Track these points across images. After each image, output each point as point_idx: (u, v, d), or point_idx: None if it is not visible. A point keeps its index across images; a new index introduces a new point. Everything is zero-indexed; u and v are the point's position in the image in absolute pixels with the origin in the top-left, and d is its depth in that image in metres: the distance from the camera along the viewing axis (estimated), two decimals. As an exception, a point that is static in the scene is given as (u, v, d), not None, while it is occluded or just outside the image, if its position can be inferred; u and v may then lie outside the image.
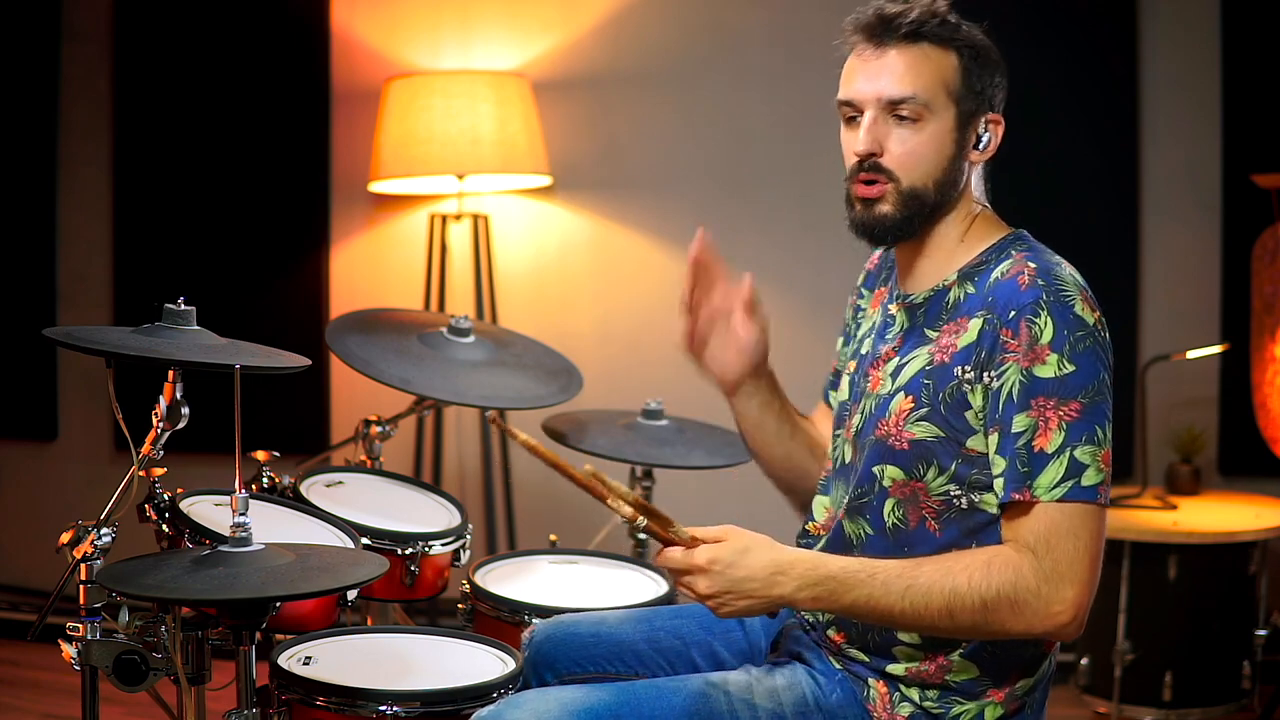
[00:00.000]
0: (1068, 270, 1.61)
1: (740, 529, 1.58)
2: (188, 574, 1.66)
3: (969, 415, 1.58)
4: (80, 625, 1.81)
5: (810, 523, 1.82)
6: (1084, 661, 3.28)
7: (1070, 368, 1.52)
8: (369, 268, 4.17)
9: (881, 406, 1.67)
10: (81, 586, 1.83)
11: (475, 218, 3.89)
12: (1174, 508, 3.33)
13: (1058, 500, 1.50)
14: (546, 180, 3.93)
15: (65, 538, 1.83)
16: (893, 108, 1.63)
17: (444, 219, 3.88)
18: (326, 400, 4.15)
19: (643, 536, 2.77)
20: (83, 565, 1.82)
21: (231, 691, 1.78)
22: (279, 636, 1.98)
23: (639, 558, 2.67)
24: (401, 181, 3.87)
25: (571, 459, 2.76)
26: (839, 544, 1.72)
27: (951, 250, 1.70)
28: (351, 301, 4.02)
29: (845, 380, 1.82)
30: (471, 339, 2.59)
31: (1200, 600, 3.18)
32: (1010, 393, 1.54)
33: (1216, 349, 3.51)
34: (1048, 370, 1.52)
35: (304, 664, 1.87)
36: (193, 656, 1.87)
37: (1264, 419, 3.29)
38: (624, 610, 1.98)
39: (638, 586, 2.37)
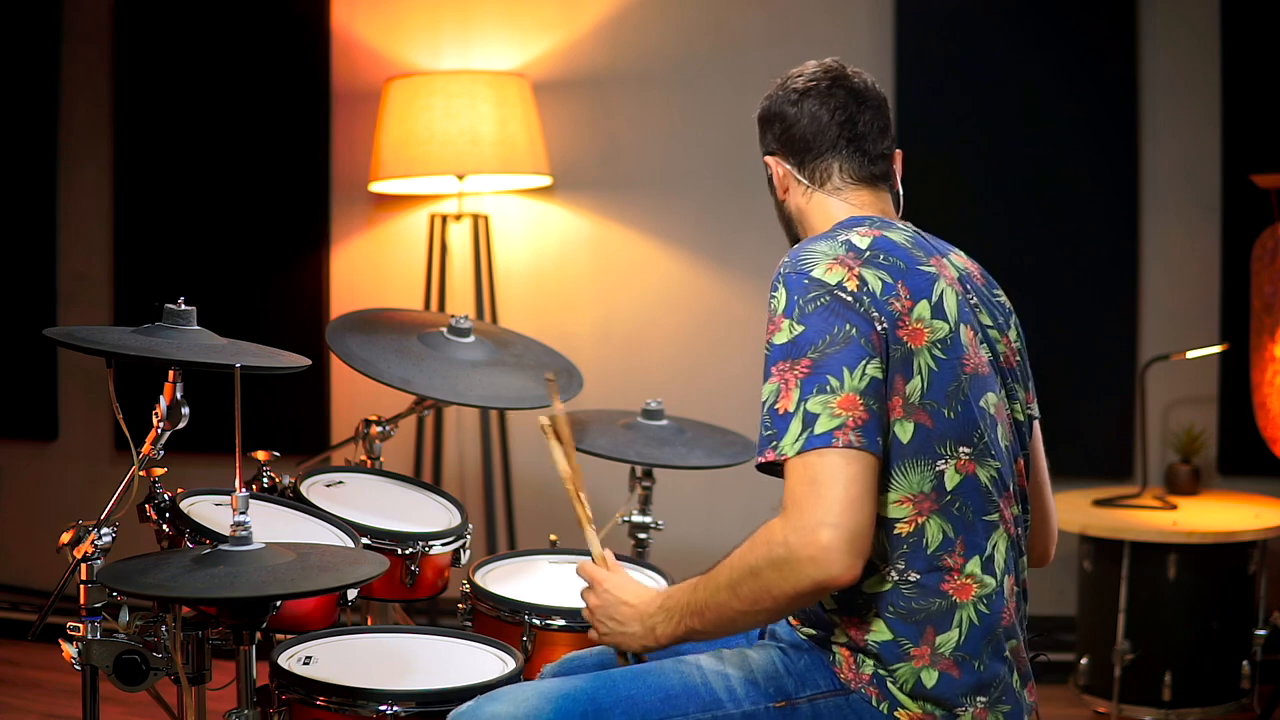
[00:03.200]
0: (843, 239, 1.69)
1: (620, 585, 1.79)
2: (188, 573, 1.66)
3: None
4: (81, 625, 1.81)
5: None
6: (1084, 661, 3.28)
7: (800, 329, 1.60)
8: (369, 268, 4.17)
9: None
10: (82, 586, 1.83)
11: (475, 218, 3.89)
12: (1174, 508, 3.33)
13: (799, 453, 1.55)
14: (546, 180, 3.93)
15: (65, 538, 1.84)
16: None
17: (444, 219, 3.88)
18: (326, 400, 4.15)
19: (643, 536, 2.77)
20: (83, 565, 1.83)
21: (231, 691, 1.78)
22: (279, 636, 1.99)
23: (639, 557, 2.67)
24: (401, 181, 3.87)
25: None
26: None
27: None
28: (351, 301, 4.02)
29: None
30: (471, 339, 2.59)
31: (1200, 600, 3.18)
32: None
33: (1216, 349, 3.51)
34: (781, 336, 1.62)
35: (304, 664, 1.87)
36: (193, 656, 1.88)
37: (1264, 419, 3.29)
38: None
39: (638, 586, 2.37)
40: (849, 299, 1.61)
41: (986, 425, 1.65)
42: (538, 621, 2.14)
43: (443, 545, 2.28)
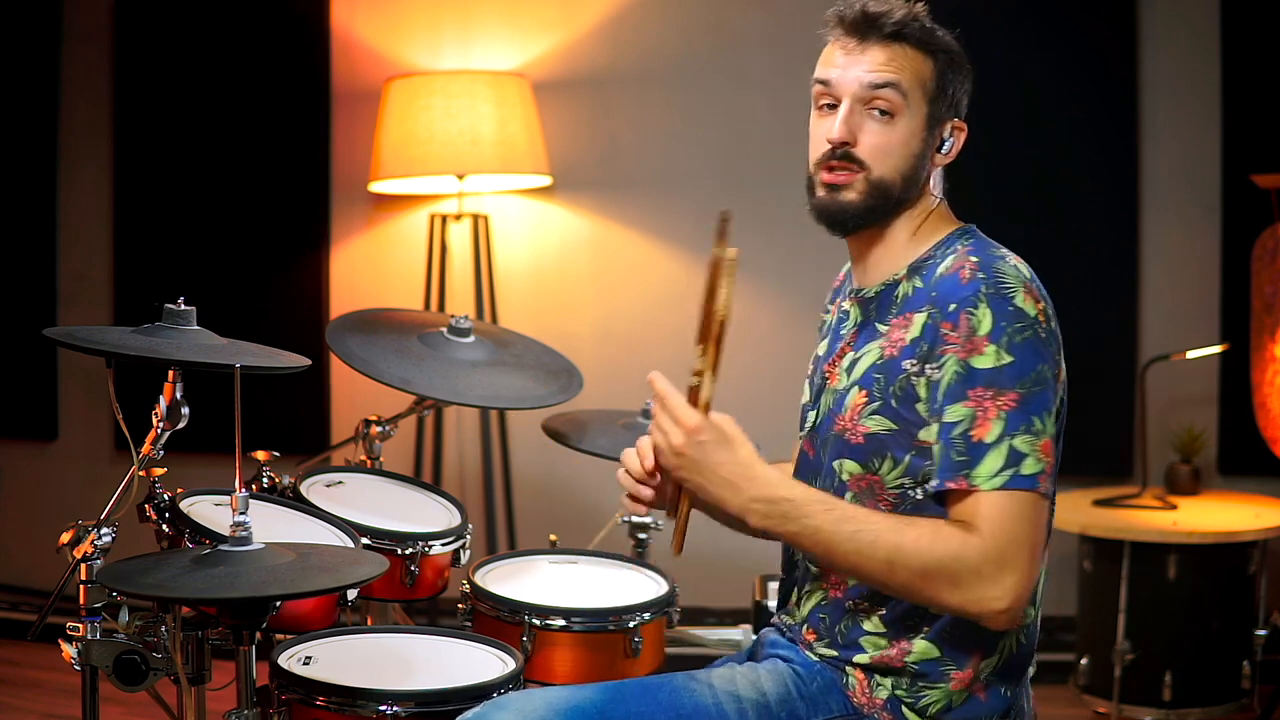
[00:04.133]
0: (1012, 263, 1.61)
1: (740, 432, 1.59)
2: (188, 573, 1.66)
3: (919, 408, 1.60)
4: (80, 625, 1.81)
5: None
6: (1084, 661, 3.28)
7: (1008, 359, 1.53)
8: (369, 268, 4.17)
9: (839, 401, 1.70)
10: (82, 586, 1.83)
11: (475, 218, 3.89)
12: (1174, 508, 3.33)
13: (998, 489, 1.51)
14: (546, 180, 3.93)
15: (65, 538, 1.84)
16: (871, 98, 1.66)
17: (444, 219, 3.88)
18: (326, 400, 4.15)
19: (643, 536, 2.77)
20: (83, 565, 1.83)
21: (231, 691, 1.78)
22: (279, 636, 1.98)
23: (639, 557, 2.67)
24: (401, 181, 3.87)
25: (571, 459, 2.79)
26: None
27: (904, 245, 1.72)
28: (351, 301, 4.02)
29: (805, 384, 1.86)
30: (471, 339, 2.59)
31: (1200, 600, 3.18)
32: (948, 383, 1.55)
33: (1216, 349, 3.51)
34: (985, 361, 1.53)
35: (304, 664, 1.87)
36: (193, 656, 1.88)
37: (1264, 419, 3.29)
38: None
39: (637, 586, 2.37)
40: (1045, 336, 1.57)
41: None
42: (538, 621, 2.14)
43: (443, 545, 2.28)
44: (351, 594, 2.04)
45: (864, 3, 1.68)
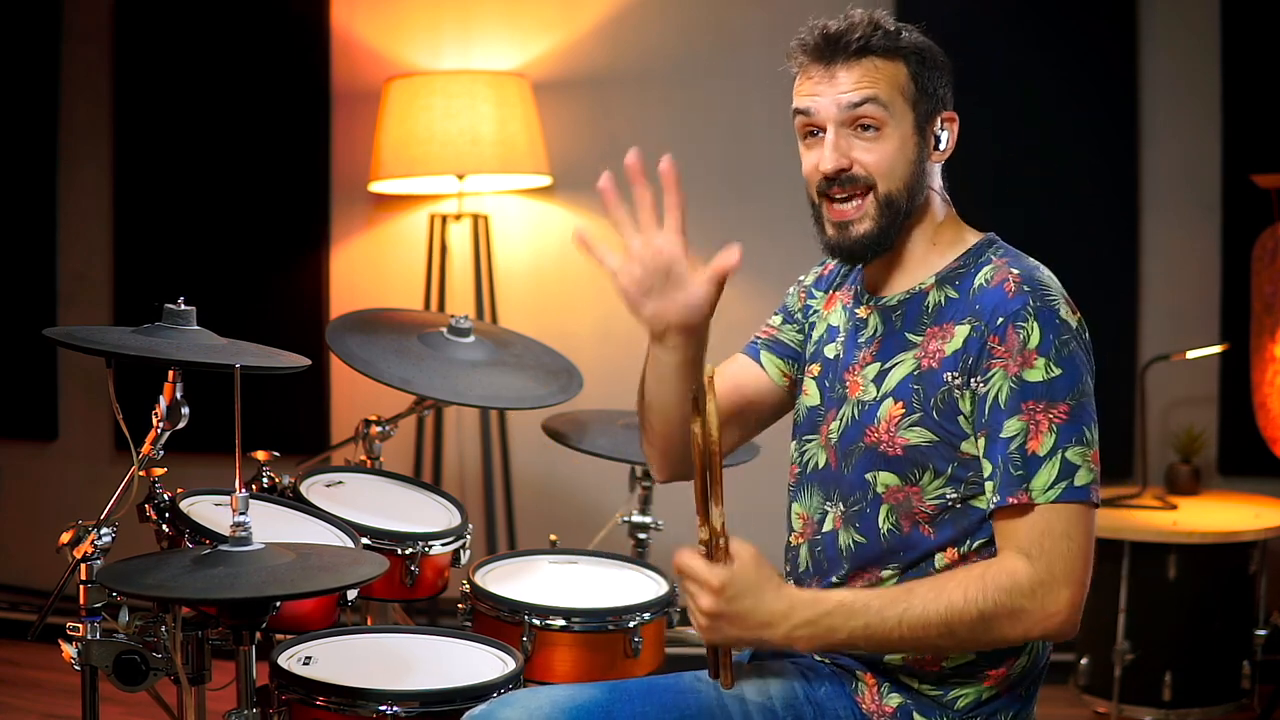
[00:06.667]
0: (1047, 274, 1.63)
1: (760, 559, 1.55)
2: (188, 573, 1.66)
3: (960, 420, 1.59)
4: (80, 625, 1.81)
5: (791, 534, 1.81)
6: (1084, 661, 3.28)
7: (1057, 371, 1.54)
8: (369, 268, 4.17)
9: (868, 412, 1.67)
10: (82, 586, 1.83)
11: (475, 218, 3.89)
12: (1174, 508, 3.33)
13: (1052, 501, 1.52)
14: (546, 180, 3.93)
15: (65, 538, 1.84)
16: (854, 118, 1.63)
17: (444, 219, 3.88)
18: (326, 400, 4.15)
19: (643, 536, 2.77)
20: (83, 565, 1.83)
21: (231, 691, 1.78)
22: (279, 636, 1.99)
23: (639, 557, 2.67)
24: (401, 181, 3.87)
25: (571, 459, 2.79)
26: (832, 552, 1.71)
27: (924, 253, 1.70)
28: (351, 301, 4.02)
29: (812, 384, 1.81)
30: (471, 339, 2.59)
31: (1200, 600, 3.18)
32: (998, 397, 1.55)
33: (1216, 349, 3.51)
34: (1036, 374, 1.54)
35: (304, 664, 1.87)
36: (193, 656, 1.88)
37: (1264, 419, 3.29)
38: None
39: (637, 586, 2.38)
40: (1085, 347, 1.59)
41: None
42: (537, 621, 2.14)
43: (443, 545, 2.28)
44: (351, 594, 2.04)
45: (822, 26, 1.65)
